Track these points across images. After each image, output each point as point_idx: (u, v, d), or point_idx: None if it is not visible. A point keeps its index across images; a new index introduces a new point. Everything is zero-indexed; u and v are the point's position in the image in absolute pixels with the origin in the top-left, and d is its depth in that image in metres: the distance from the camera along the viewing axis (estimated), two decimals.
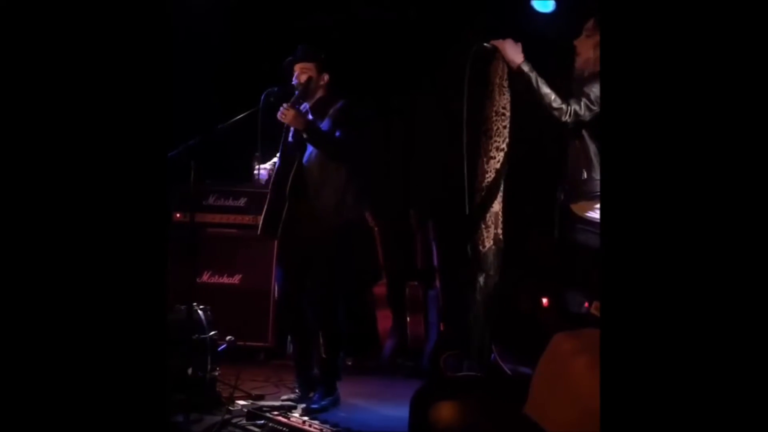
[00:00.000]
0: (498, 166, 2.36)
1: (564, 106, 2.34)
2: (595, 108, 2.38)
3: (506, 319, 4.01)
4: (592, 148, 2.38)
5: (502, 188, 2.37)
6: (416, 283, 4.30)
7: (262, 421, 2.90)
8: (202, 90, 4.37)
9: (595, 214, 2.37)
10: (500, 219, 2.37)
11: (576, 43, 2.50)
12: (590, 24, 2.49)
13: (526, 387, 1.92)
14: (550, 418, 1.48)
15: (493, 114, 2.35)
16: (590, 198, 2.36)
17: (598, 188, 2.38)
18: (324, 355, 3.38)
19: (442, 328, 4.16)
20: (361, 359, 4.34)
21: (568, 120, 2.35)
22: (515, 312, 4.12)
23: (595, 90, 2.38)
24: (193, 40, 3.93)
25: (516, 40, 2.38)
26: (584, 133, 2.38)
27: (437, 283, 4.21)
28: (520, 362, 3.37)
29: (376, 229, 4.31)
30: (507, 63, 2.34)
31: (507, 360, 3.99)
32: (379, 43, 4.52)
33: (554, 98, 2.34)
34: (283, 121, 3.32)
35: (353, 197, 3.39)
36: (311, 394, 3.40)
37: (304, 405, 3.31)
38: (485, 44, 2.36)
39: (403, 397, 3.70)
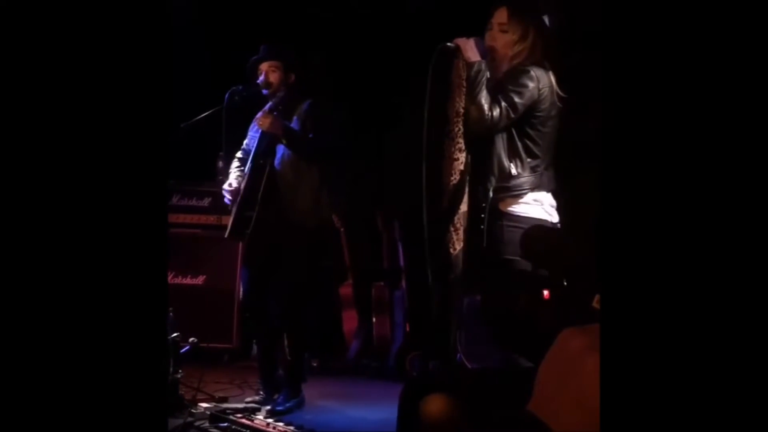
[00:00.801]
0: (462, 167, 2.33)
1: (488, 114, 2.28)
2: (515, 117, 2.32)
3: (504, 314, 4.00)
4: (520, 145, 2.36)
5: (467, 189, 2.36)
6: (382, 283, 4.30)
7: (226, 424, 2.87)
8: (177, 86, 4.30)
9: (519, 209, 2.36)
10: (466, 219, 2.36)
11: (489, 38, 2.40)
12: (503, 16, 2.40)
13: (517, 380, 1.90)
14: (559, 418, 1.43)
15: (454, 115, 2.32)
16: (516, 194, 2.35)
17: (526, 185, 2.36)
18: (289, 357, 3.36)
19: (407, 329, 4.16)
20: (327, 360, 4.32)
21: (484, 125, 2.29)
22: (513, 307, 4.10)
23: (516, 97, 2.31)
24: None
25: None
26: (512, 129, 2.35)
27: (403, 283, 4.21)
28: (516, 356, 3.36)
29: (342, 230, 4.30)
30: (465, 60, 2.31)
31: (473, 360, 4.01)
32: (350, 42, 4.51)
33: (485, 101, 2.28)
34: (261, 128, 3.31)
35: (328, 198, 3.39)
36: (276, 396, 3.37)
37: (268, 407, 3.28)
38: (448, 43, 2.34)
39: (368, 399, 3.72)
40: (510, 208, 2.34)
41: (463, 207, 2.33)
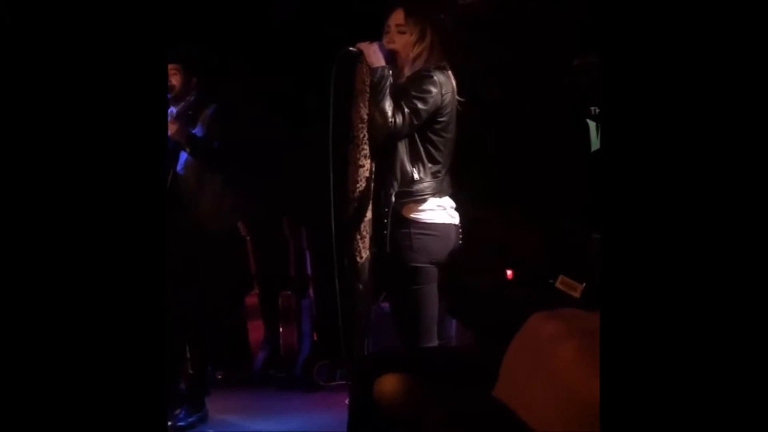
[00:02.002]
0: (367, 174, 2.31)
1: (392, 120, 2.26)
2: (418, 123, 2.31)
3: (466, 295, 3.99)
4: (423, 150, 2.37)
5: (372, 195, 2.34)
6: (289, 292, 4.22)
7: None
8: None
9: (424, 216, 2.37)
10: (371, 226, 2.34)
11: (387, 40, 2.38)
12: (399, 17, 2.39)
13: (471, 361, 1.88)
14: (529, 405, 1.38)
15: (358, 121, 2.30)
16: (418, 199, 2.36)
17: (427, 190, 2.36)
18: (190, 370, 3.26)
19: (315, 338, 4.11)
20: (232, 372, 4.20)
21: (387, 132, 2.27)
22: (476, 287, 4.08)
23: (420, 104, 2.29)
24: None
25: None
26: (415, 135, 2.36)
27: (311, 292, 4.16)
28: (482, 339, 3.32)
29: (248, 237, 4.20)
30: (368, 65, 2.30)
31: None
32: (263, 45, 4.43)
33: (389, 108, 2.25)
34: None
35: (231, 204, 3.32)
36: (177, 411, 3.25)
37: (169, 423, 3.16)
38: (350, 48, 2.32)
39: (275, 411, 3.64)
40: (415, 215, 2.35)
41: (369, 214, 2.32)
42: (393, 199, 2.32)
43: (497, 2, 4.04)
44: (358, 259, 2.30)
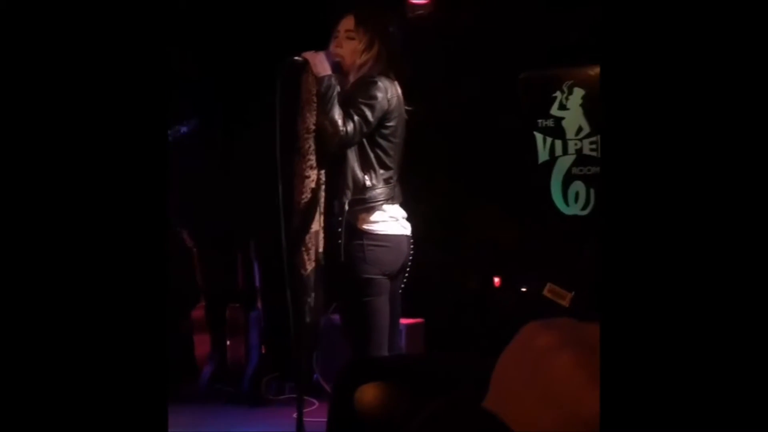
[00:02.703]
0: (313, 185, 2.29)
1: (343, 129, 2.24)
2: (368, 130, 2.31)
3: (453, 301, 3.97)
4: (373, 156, 2.36)
5: (321, 207, 2.31)
6: (237, 304, 4.16)
7: None
8: None
9: (378, 228, 2.35)
10: (320, 238, 2.31)
11: (335, 45, 2.38)
12: (350, 23, 2.39)
13: (458, 369, 1.88)
14: (521, 418, 1.35)
15: (304, 131, 2.27)
16: (372, 206, 2.34)
17: (380, 196, 2.35)
18: None
19: (263, 351, 4.05)
20: (177, 387, 4.10)
21: (338, 141, 2.26)
22: (463, 292, 4.07)
23: (368, 110, 2.28)
24: None
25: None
26: (364, 141, 2.36)
27: (259, 304, 4.10)
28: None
29: (194, 249, 4.12)
30: (314, 74, 2.28)
31: (329, 379, 3.96)
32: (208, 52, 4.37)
33: (338, 117, 2.24)
34: None
35: (176, 215, 3.24)
36: None
37: None
38: (296, 57, 2.30)
39: (221, 425, 3.56)
40: (368, 226, 2.33)
41: (315, 226, 2.29)
42: (346, 207, 2.30)
43: (447, 16, 4.08)
44: (302, 271, 2.27)
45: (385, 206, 2.37)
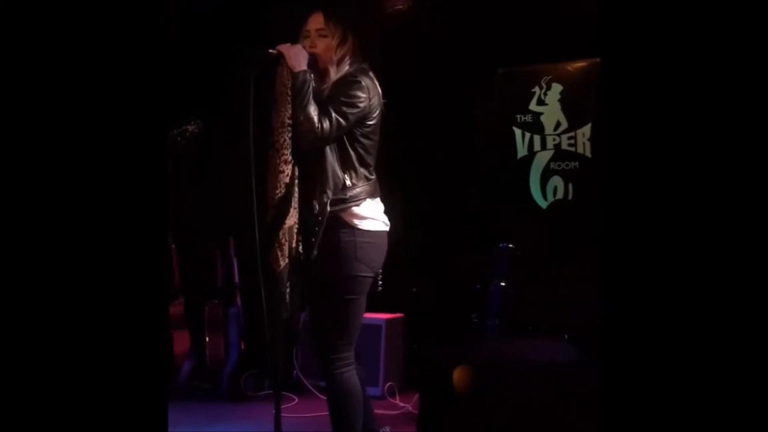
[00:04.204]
0: (287, 180, 2.26)
1: (318, 126, 2.22)
2: (346, 128, 2.29)
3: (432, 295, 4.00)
4: (354, 155, 2.34)
5: (295, 201, 2.28)
6: (216, 301, 4.14)
7: None
8: None
9: (366, 225, 2.34)
10: (294, 232, 2.29)
11: (308, 44, 2.35)
12: (319, 21, 2.36)
13: (539, 353, 2.02)
14: None
15: (279, 125, 2.25)
16: (355, 203, 2.32)
17: (363, 194, 2.34)
18: None
19: (243, 347, 4.03)
20: None
21: (314, 137, 2.24)
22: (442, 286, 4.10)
23: (347, 108, 2.27)
24: None
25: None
26: (344, 139, 2.34)
27: (238, 300, 4.08)
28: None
29: (172, 246, 4.09)
30: (289, 68, 2.25)
31: (309, 375, 3.96)
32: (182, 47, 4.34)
33: (314, 113, 2.22)
34: None
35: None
36: None
37: None
38: (270, 50, 2.28)
39: (200, 422, 3.54)
40: (359, 224, 2.31)
41: (290, 221, 2.27)
42: (328, 208, 2.27)
43: (426, 11, 4.07)
44: (275, 267, 2.25)
45: (369, 202, 2.36)
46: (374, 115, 2.37)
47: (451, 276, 4.10)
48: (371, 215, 2.36)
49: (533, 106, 3.95)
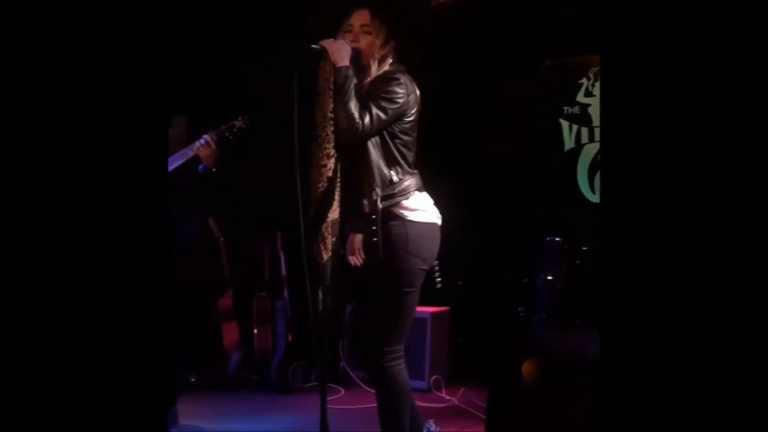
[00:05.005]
0: (330, 173, 2.27)
1: (359, 122, 2.23)
2: (386, 124, 2.30)
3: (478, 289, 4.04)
4: (396, 151, 2.33)
5: (337, 196, 2.30)
6: (264, 293, 4.20)
7: None
8: None
9: (415, 216, 2.34)
10: (337, 227, 2.30)
11: (351, 39, 2.35)
12: (365, 17, 2.37)
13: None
14: None
15: (321, 119, 2.26)
16: (405, 196, 2.32)
17: (411, 187, 2.34)
18: None
19: (290, 339, 4.09)
20: (206, 375, 4.17)
21: (354, 133, 2.25)
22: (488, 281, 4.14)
23: (387, 104, 2.28)
24: None
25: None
26: (386, 136, 2.33)
27: (285, 293, 4.13)
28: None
29: (221, 239, 4.17)
30: (332, 63, 2.27)
31: (356, 367, 3.99)
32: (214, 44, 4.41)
33: (355, 109, 2.22)
34: None
35: (201, 205, 3.27)
36: None
37: None
38: (313, 45, 2.29)
39: (248, 413, 3.61)
40: (411, 216, 2.31)
41: (332, 215, 2.28)
42: (380, 205, 2.28)
43: (471, 2, 4.05)
44: (318, 260, 2.27)
45: (418, 195, 2.36)
46: (412, 111, 2.37)
47: (497, 269, 4.07)
48: (421, 207, 2.36)
49: (581, 97, 3.89)
